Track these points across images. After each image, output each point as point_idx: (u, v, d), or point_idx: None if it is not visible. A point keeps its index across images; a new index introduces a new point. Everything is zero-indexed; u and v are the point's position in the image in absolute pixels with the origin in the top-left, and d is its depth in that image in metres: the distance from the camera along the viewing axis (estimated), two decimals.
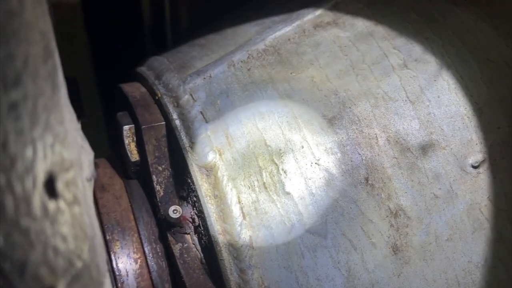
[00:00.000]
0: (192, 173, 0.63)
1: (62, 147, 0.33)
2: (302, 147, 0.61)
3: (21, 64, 0.29)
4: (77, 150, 0.37)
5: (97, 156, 0.84)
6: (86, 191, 0.39)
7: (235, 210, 0.59)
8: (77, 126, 0.41)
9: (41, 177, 0.30)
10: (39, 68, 0.31)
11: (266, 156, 0.62)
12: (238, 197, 0.60)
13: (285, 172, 0.61)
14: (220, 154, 0.63)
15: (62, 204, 0.31)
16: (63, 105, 0.36)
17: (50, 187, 0.31)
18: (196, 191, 0.62)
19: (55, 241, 0.30)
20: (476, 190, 0.59)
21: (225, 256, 0.59)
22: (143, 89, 0.79)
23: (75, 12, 1.51)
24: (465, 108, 0.62)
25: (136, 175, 0.77)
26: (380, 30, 0.69)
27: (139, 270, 0.71)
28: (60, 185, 0.31)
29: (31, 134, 0.29)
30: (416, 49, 0.66)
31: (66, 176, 0.32)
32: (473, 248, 0.59)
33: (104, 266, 0.40)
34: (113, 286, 0.69)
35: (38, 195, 0.29)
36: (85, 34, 1.54)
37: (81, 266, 0.32)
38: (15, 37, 0.28)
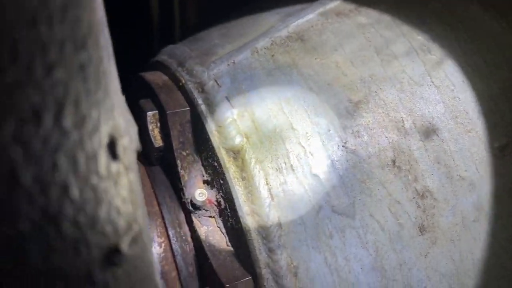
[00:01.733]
0: (219, 155, 0.64)
1: (119, 114, 0.34)
2: (329, 130, 0.62)
3: (87, 29, 0.30)
4: (127, 121, 0.38)
5: None
6: (136, 162, 0.40)
7: (263, 192, 0.60)
8: (124, 99, 0.42)
9: (105, 139, 0.31)
10: (99, 35, 0.32)
11: (293, 139, 0.62)
12: (266, 179, 0.61)
13: (312, 154, 0.61)
14: (247, 138, 0.64)
15: (121, 167, 0.32)
16: (115, 76, 0.37)
17: (112, 150, 0.32)
18: (224, 173, 0.63)
19: (118, 202, 0.31)
20: (502, 173, 0.60)
21: (254, 236, 0.59)
22: (165, 77, 0.80)
23: None
24: (489, 92, 0.63)
25: (159, 161, 0.78)
26: (403, 17, 0.70)
27: (163, 254, 0.71)
28: (120, 149, 0.32)
29: (96, 97, 0.30)
30: (439, 35, 0.67)
31: (123, 142, 0.33)
32: (500, 230, 0.60)
33: (150, 235, 0.40)
34: None
35: (103, 155, 0.30)
36: None
37: (138, 229, 0.33)
38: (82, 2, 0.29)
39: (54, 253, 0.25)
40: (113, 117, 0.32)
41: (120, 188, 0.32)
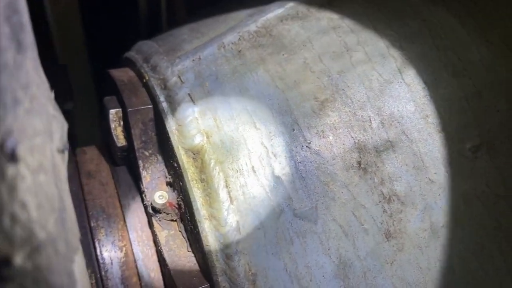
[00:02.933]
0: (178, 156, 0.61)
1: (26, 113, 0.30)
2: (293, 130, 0.59)
3: None
4: (47, 118, 0.35)
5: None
6: (57, 162, 0.36)
7: (222, 194, 0.57)
8: (50, 95, 0.39)
9: None
10: None
11: (256, 139, 0.59)
12: (226, 181, 0.58)
13: (274, 155, 0.58)
14: (207, 137, 0.60)
15: (23, 169, 0.29)
16: (30, 69, 0.33)
17: (8, 151, 0.28)
18: (182, 175, 0.60)
19: (13, 208, 0.28)
20: (473, 175, 0.57)
21: (211, 242, 0.56)
22: (132, 73, 0.77)
23: (71, 2, 1.48)
24: (463, 91, 0.59)
25: (124, 161, 0.75)
26: (376, 12, 0.66)
27: (124, 259, 0.68)
28: (21, 150, 0.29)
29: None
30: (412, 31, 0.63)
31: (30, 142, 0.30)
32: (470, 236, 0.56)
33: (75, 243, 0.37)
34: (96, 275, 0.67)
35: None
36: (80, 25, 1.52)
37: (45, 237, 0.30)
38: None
39: None
40: (16, 115, 0.29)
41: (18, 192, 0.28)
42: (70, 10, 1.50)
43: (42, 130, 0.32)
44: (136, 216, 0.71)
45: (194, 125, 0.61)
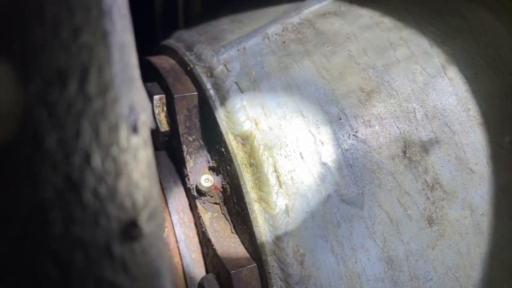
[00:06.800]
0: (227, 141, 0.63)
1: (138, 89, 0.33)
2: (340, 118, 0.61)
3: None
4: (144, 95, 0.37)
5: None
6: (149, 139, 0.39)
7: (272, 179, 0.59)
8: (140, 74, 0.41)
9: (126, 110, 0.30)
10: (123, 4, 0.31)
11: (303, 127, 0.62)
12: (274, 166, 0.60)
13: (322, 143, 0.61)
14: (256, 124, 0.63)
15: (140, 141, 0.31)
16: (135, 50, 0.36)
17: (132, 122, 0.31)
18: (232, 159, 0.62)
19: (136, 176, 0.30)
20: None
21: (261, 223, 0.59)
22: (172, 61, 0.79)
23: None
24: (502, 86, 0.62)
25: (164, 146, 0.77)
26: (417, 8, 0.69)
27: (166, 240, 0.71)
28: (139, 123, 0.31)
29: (117, 66, 0.29)
30: (453, 27, 0.66)
31: (142, 116, 0.32)
32: (508, 224, 0.59)
33: (163, 216, 0.40)
34: None
35: (124, 127, 0.29)
36: None
37: (154, 205, 0.32)
38: None
39: (74, 222, 0.24)
40: (133, 90, 0.31)
41: (138, 162, 0.31)
42: None
43: (145, 106, 0.35)
44: (177, 199, 0.73)
45: (243, 112, 0.63)
